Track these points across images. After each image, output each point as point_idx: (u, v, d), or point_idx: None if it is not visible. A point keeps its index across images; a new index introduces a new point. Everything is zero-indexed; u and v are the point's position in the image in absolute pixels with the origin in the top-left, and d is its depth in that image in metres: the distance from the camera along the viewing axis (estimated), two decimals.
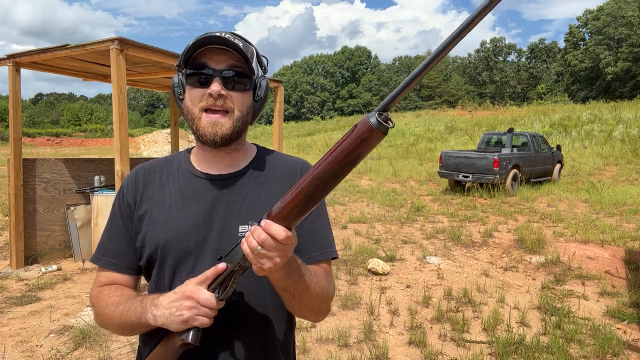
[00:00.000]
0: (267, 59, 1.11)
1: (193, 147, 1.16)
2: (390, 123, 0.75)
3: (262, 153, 1.17)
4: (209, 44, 0.98)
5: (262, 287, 1.04)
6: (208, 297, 0.89)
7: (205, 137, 1.01)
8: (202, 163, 1.10)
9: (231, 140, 1.03)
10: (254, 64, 1.04)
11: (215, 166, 1.09)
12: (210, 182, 1.07)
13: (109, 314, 1.02)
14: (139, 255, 1.07)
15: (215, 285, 0.91)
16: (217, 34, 0.99)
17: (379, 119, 0.74)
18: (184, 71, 1.05)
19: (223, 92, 0.99)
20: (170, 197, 1.06)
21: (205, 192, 1.06)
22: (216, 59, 1.00)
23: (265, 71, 1.10)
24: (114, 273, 1.08)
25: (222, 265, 0.90)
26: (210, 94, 0.99)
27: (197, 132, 1.02)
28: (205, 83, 1.00)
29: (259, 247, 0.79)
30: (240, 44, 0.99)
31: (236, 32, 1.07)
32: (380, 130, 0.74)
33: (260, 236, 0.78)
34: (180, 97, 1.05)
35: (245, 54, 1.00)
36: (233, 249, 0.92)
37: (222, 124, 1.00)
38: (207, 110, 1.01)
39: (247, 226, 1.02)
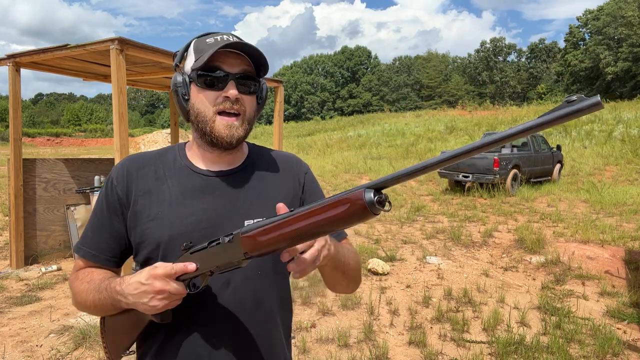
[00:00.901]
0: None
1: (187, 143, 1.15)
2: (387, 206, 0.72)
3: (254, 149, 1.19)
4: (230, 48, 0.99)
5: (268, 278, 1.06)
6: (179, 287, 0.89)
7: (221, 139, 1.01)
8: (200, 160, 1.10)
9: (242, 142, 1.06)
10: (261, 66, 1.06)
11: (216, 164, 1.09)
12: (212, 178, 1.07)
13: (82, 301, 1.03)
14: (135, 252, 1.06)
15: (184, 279, 0.91)
16: (226, 37, 1.02)
17: (375, 199, 0.71)
18: (180, 70, 1.06)
19: (239, 96, 1.01)
20: (170, 193, 1.05)
21: (206, 188, 1.06)
22: (230, 63, 1.01)
23: (266, 73, 1.11)
24: (93, 264, 1.08)
25: (192, 267, 0.89)
26: (228, 98, 1.00)
27: (211, 134, 1.02)
28: (217, 86, 1.00)
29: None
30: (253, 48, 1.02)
31: (235, 33, 1.09)
32: (373, 212, 0.71)
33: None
34: (185, 97, 1.04)
35: (259, 58, 1.02)
36: (207, 248, 0.91)
37: (237, 127, 1.02)
38: (220, 112, 1.01)
39: (252, 221, 1.01)
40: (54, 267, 5.19)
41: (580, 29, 53.68)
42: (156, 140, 30.90)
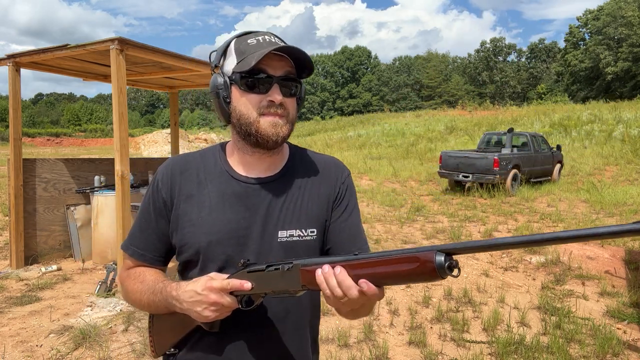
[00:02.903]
0: None
1: (227, 144, 1.14)
2: (456, 272, 0.71)
3: (296, 152, 1.17)
4: (279, 51, 0.98)
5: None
6: (232, 301, 0.92)
7: (267, 137, 1.00)
8: (240, 165, 1.09)
9: (285, 141, 1.06)
10: (305, 68, 1.05)
11: (256, 169, 1.08)
12: (251, 186, 1.07)
13: (137, 300, 1.07)
14: (177, 254, 1.08)
15: (237, 294, 0.93)
16: (268, 37, 1.01)
17: (446, 264, 0.70)
18: (217, 71, 1.05)
19: (283, 100, 1.00)
20: (210, 198, 1.06)
21: (245, 196, 1.06)
22: (274, 65, 1.00)
23: (310, 74, 1.10)
24: (141, 263, 1.10)
25: (247, 286, 0.91)
26: (272, 101, 0.99)
27: (258, 134, 1.01)
28: (260, 88, 1.00)
29: (344, 298, 0.81)
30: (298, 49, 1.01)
31: (273, 32, 1.07)
32: (441, 276, 0.71)
33: (344, 286, 0.81)
34: (227, 100, 1.03)
35: (304, 60, 1.02)
36: (265, 271, 0.92)
37: (282, 125, 1.02)
38: (264, 114, 1.01)
39: (285, 232, 1.04)
40: (54, 267, 5.19)
41: (580, 29, 53.68)
42: (156, 140, 30.87)
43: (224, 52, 1.05)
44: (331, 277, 0.81)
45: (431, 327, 3.83)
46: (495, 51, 69.22)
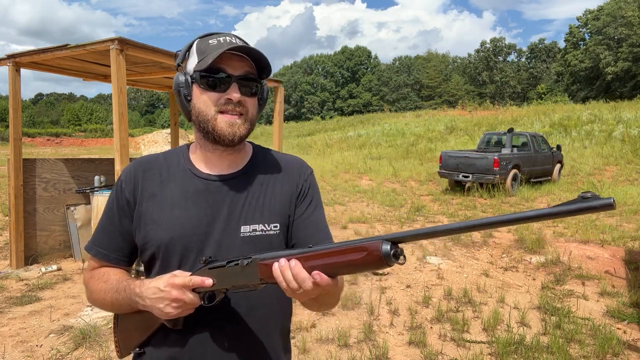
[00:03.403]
0: None
1: (191, 144, 1.17)
2: (401, 260, 0.75)
3: (259, 152, 1.19)
4: (233, 50, 1.00)
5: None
6: (194, 298, 0.93)
7: (224, 136, 1.03)
8: (202, 163, 1.11)
9: (243, 140, 1.07)
10: (264, 68, 1.07)
11: (217, 166, 1.11)
12: (212, 182, 1.09)
13: (100, 300, 1.08)
14: (140, 252, 1.10)
15: (199, 291, 0.95)
16: (229, 38, 1.03)
17: (391, 252, 0.74)
18: (182, 70, 1.07)
19: (241, 98, 1.02)
20: (172, 196, 1.07)
21: (206, 192, 1.07)
22: (233, 65, 1.02)
23: (269, 75, 1.12)
24: (105, 263, 1.11)
25: (208, 282, 0.92)
26: (230, 100, 1.01)
27: (214, 132, 1.03)
28: (219, 87, 1.02)
29: (299, 290, 0.83)
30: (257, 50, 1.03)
31: (235, 33, 1.10)
32: (387, 263, 0.74)
33: (299, 278, 0.82)
34: (188, 97, 1.05)
35: (262, 60, 1.03)
36: (226, 267, 0.93)
37: (239, 125, 1.04)
38: (222, 112, 1.03)
39: (248, 227, 1.05)
40: (54, 267, 5.19)
41: (580, 29, 53.65)
42: (156, 140, 30.89)
43: (187, 52, 1.08)
44: (287, 270, 0.83)
45: (431, 327, 3.84)
46: (495, 51, 69.19)
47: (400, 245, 0.76)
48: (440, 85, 67.60)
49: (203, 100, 1.03)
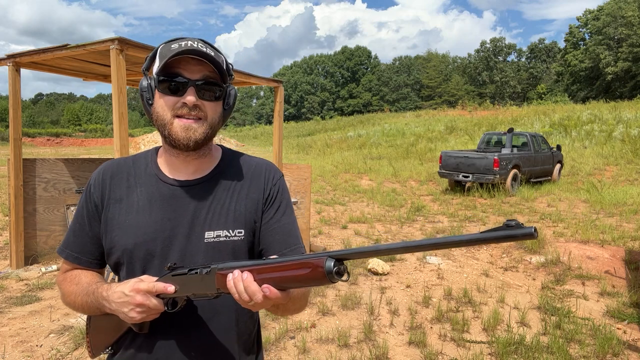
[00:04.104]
0: (232, 65, 1.14)
1: (160, 147, 1.17)
2: (345, 277, 0.77)
3: (227, 156, 1.18)
4: (185, 54, 0.99)
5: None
6: (157, 304, 0.94)
7: (178, 141, 1.03)
8: (169, 167, 1.12)
9: (202, 145, 1.06)
10: (224, 73, 1.06)
11: (183, 171, 1.11)
12: (177, 188, 1.09)
13: (72, 302, 1.09)
14: (107, 256, 1.11)
15: (163, 297, 0.96)
16: (190, 42, 1.02)
17: (334, 269, 0.75)
18: (151, 75, 1.07)
19: (198, 102, 1.02)
20: (138, 201, 1.08)
21: (172, 197, 1.08)
22: (190, 69, 1.02)
23: (232, 79, 1.12)
24: (77, 265, 1.13)
25: (170, 289, 0.93)
26: (185, 104, 1.01)
27: (170, 136, 1.03)
28: (178, 92, 1.02)
29: (251, 302, 0.84)
30: (213, 53, 1.02)
31: (202, 39, 1.08)
32: (330, 280, 0.75)
33: (250, 290, 0.84)
34: (149, 102, 1.06)
35: (220, 65, 1.03)
36: (187, 274, 0.95)
37: (195, 129, 1.03)
38: (179, 116, 1.03)
39: (212, 232, 1.06)
40: (54, 267, 5.19)
41: (580, 29, 53.64)
42: (156, 140, 30.88)
43: (152, 58, 1.08)
44: (239, 282, 0.84)
45: (431, 327, 3.84)
46: (495, 51, 69.19)
47: (345, 262, 0.78)
48: (440, 85, 67.60)
49: (161, 105, 1.03)
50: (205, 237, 1.05)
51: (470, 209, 9.46)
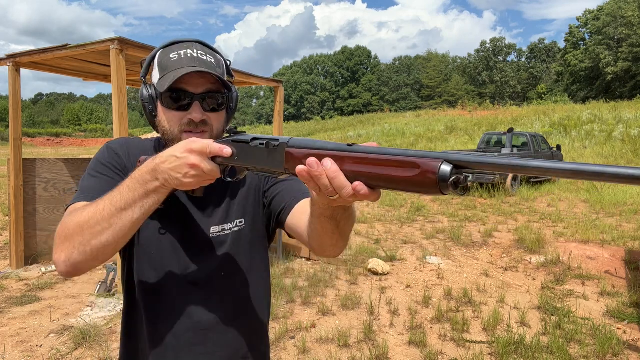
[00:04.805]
0: (230, 62, 1.14)
1: (162, 141, 1.14)
2: (460, 190, 0.59)
3: None
4: (189, 70, 0.97)
5: (230, 279, 1.11)
6: (212, 168, 0.83)
7: None
8: None
9: None
10: (227, 83, 1.04)
11: None
12: None
13: (85, 224, 0.86)
14: None
15: (219, 162, 0.86)
16: (190, 52, 1.01)
17: (451, 178, 0.58)
18: (150, 82, 1.05)
19: (204, 117, 1.01)
20: None
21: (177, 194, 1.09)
22: (194, 83, 1.00)
23: (232, 79, 1.13)
24: None
25: (227, 151, 0.83)
26: (192, 120, 1.00)
27: None
28: (183, 107, 1.01)
29: (334, 195, 0.69)
30: (213, 60, 1.02)
31: (201, 41, 1.07)
32: (442, 191, 0.59)
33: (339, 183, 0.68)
34: (153, 114, 1.05)
35: (222, 76, 1.02)
36: (249, 144, 0.84)
37: None
38: (186, 131, 1.02)
39: (217, 227, 1.09)
40: (54, 267, 5.18)
41: (580, 29, 53.62)
42: None
43: (149, 64, 1.06)
44: (323, 175, 0.68)
45: (431, 327, 3.84)
46: (495, 51, 69.16)
47: (465, 172, 0.60)
48: (440, 85, 67.57)
49: (166, 120, 1.02)
50: (211, 231, 1.09)
51: (470, 209, 9.46)
